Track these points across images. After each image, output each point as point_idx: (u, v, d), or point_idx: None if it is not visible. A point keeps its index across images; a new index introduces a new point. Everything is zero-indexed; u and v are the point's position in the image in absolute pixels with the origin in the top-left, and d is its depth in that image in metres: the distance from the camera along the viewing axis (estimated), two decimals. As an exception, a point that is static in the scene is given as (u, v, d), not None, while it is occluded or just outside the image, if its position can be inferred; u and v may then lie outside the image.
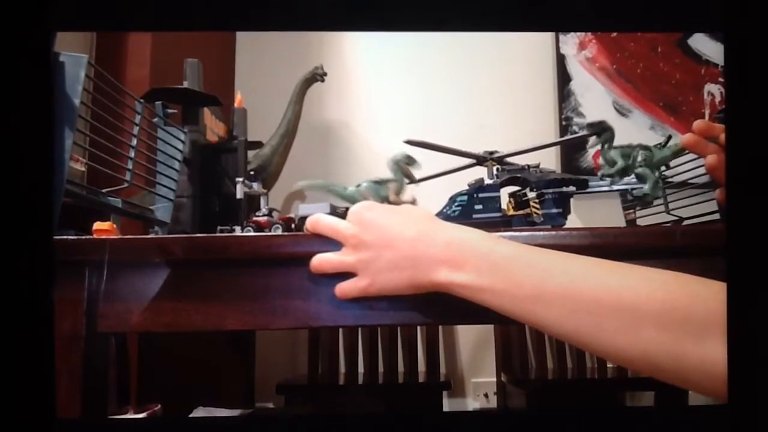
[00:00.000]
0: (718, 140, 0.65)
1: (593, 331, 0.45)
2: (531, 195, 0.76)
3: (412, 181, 0.82)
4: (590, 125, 0.79)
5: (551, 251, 0.51)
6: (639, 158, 0.77)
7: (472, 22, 0.61)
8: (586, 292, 0.45)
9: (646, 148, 0.78)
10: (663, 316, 0.42)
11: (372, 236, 0.55)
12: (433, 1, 0.59)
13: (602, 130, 0.78)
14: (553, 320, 0.47)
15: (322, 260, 0.57)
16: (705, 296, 0.41)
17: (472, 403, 2.09)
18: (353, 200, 0.77)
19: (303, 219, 0.76)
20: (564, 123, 2.15)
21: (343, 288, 0.57)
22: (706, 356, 0.39)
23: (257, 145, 1.36)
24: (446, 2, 0.59)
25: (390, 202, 0.78)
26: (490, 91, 2.20)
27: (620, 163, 0.77)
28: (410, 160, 0.80)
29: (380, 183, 0.79)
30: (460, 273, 0.50)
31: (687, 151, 0.73)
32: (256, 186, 0.95)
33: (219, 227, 0.89)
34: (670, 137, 0.90)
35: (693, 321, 0.41)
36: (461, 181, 0.82)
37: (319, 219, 0.59)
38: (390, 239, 0.54)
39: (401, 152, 0.80)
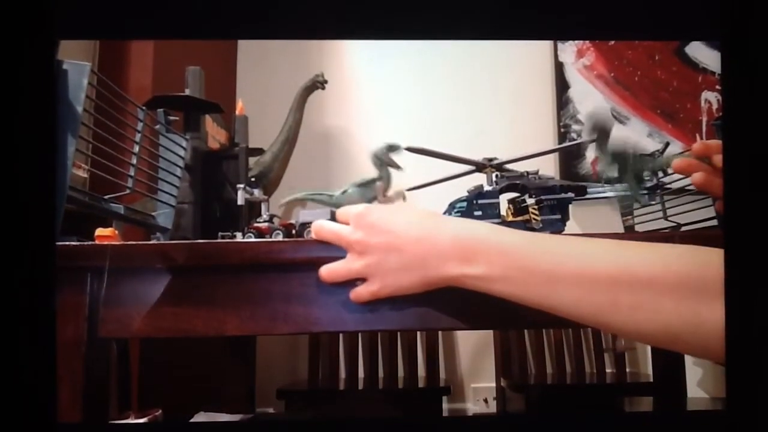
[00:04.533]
0: (711, 160, 0.65)
1: (611, 310, 0.45)
2: (530, 201, 0.77)
3: (398, 168, 0.81)
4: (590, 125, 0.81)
5: (560, 236, 0.51)
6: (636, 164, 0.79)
7: (471, 30, 0.62)
8: (601, 272, 0.46)
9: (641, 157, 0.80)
10: (679, 288, 0.43)
11: (377, 240, 0.55)
12: (433, 10, 0.59)
13: (596, 129, 0.81)
14: (569, 303, 0.47)
15: (330, 270, 0.57)
16: (717, 263, 0.41)
17: (472, 408, 2.09)
18: (340, 206, 0.78)
19: (303, 225, 0.77)
20: (562, 130, 2.16)
21: (356, 293, 0.57)
22: (722, 320, 0.40)
23: (258, 152, 1.36)
24: (446, 11, 0.59)
25: (380, 202, 0.78)
26: (489, 99, 2.21)
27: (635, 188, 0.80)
28: (392, 148, 0.80)
29: (365, 185, 0.79)
30: (472, 266, 0.51)
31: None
32: (257, 192, 0.96)
33: (220, 233, 0.90)
34: (668, 144, 0.90)
35: (708, 289, 0.42)
36: (461, 188, 0.82)
37: (322, 226, 0.59)
38: (395, 241, 0.54)
39: (381, 145, 0.80)
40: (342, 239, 0.57)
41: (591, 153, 2.03)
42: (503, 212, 0.77)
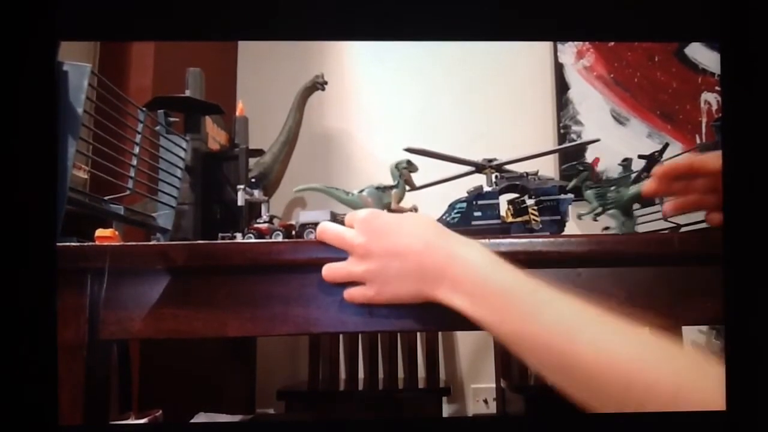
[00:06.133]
0: (688, 176, 0.64)
1: (578, 390, 0.44)
2: (530, 202, 0.77)
3: (413, 188, 0.83)
4: (570, 167, 0.82)
5: (548, 289, 0.49)
6: (610, 199, 0.80)
7: (472, 31, 0.62)
8: (619, 371, 0.42)
9: (617, 189, 0.80)
10: (663, 395, 0.40)
11: (380, 246, 0.55)
12: (433, 11, 0.60)
13: (578, 171, 0.81)
14: (535, 364, 0.47)
15: (331, 270, 0.58)
16: (716, 383, 0.39)
17: (472, 409, 2.09)
18: (355, 206, 0.78)
19: (303, 226, 0.77)
20: (562, 131, 2.16)
21: (351, 294, 0.57)
22: (709, 396, 0.39)
23: (258, 153, 1.36)
24: (446, 12, 0.59)
25: (391, 210, 0.79)
26: (489, 100, 2.21)
27: (594, 204, 0.80)
28: (411, 167, 0.81)
29: (383, 189, 0.80)
30: (457, 295, 0.51)
31: None
32: (257, 193, 0.96)
33: (220, 234, 0.90)
34: (667, 145, 0.91)
35: (696, 398, 0.39)
36: (460, 189, 0.82)
37: (326, 228, 0.59)
38: (397, 250, 0.54)
39: (403, 158, 0.81)
40: (345, 242, 0.57)
41: (591, 154, 2.04)
42: (503, 213, 0.77)
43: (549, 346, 0.45)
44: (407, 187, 0.81)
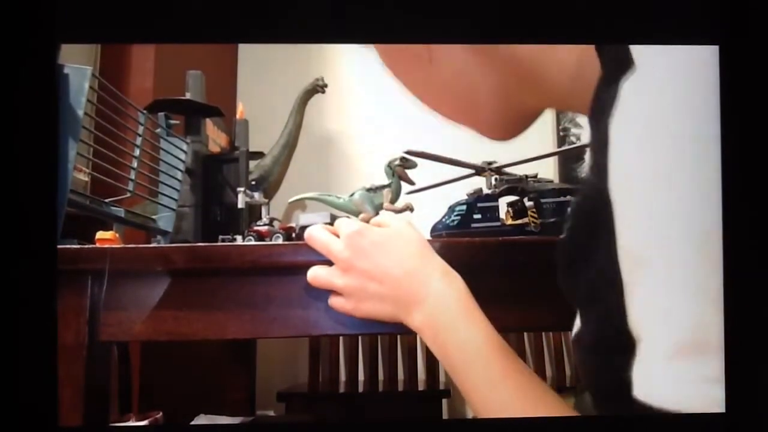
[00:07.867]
0: None
1: None
2: (529, 204, 0.77)
3: (410, 184, 0.82)
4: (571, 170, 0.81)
5: (504, 361, 0.50)
6: None
7: (471, 33, 0.62)
8: None
9: None
10: None
11: (361, 265, 0.55)
12: (433, 13, 0.60)
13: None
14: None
15: (315, 276, 0.58)
16: None
17: (472, 411, 2.09)
18: (348, 209, 0.78)
19: (303, 228, 0.77)
20: (562, 133, 2.16)
21: (333, 303, 0.58)
22: None
23: (259, 155, 1.37)
24: (446, 15, 0.60)
25: (385, 209, 0.78)
26: (489, 101, 2.21)
27: None
28: (407, 163, 0.80)
29: (374, 191, 0.79)
30: (425, 331, 0.52)
31: None
32: (257, 196, 0.96)
33: (220, 236, 0.90)
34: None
35: None
36: (461, 191, 0.83)
37: (312, 235, 0.59)
38: (377, 273, 0.55)
39: (397, 156, 0.80)
40: (330, 253, 0.57)
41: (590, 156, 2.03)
42: (502, 215, 0.77)
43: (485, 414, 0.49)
44: (404, 185, 0.80)
